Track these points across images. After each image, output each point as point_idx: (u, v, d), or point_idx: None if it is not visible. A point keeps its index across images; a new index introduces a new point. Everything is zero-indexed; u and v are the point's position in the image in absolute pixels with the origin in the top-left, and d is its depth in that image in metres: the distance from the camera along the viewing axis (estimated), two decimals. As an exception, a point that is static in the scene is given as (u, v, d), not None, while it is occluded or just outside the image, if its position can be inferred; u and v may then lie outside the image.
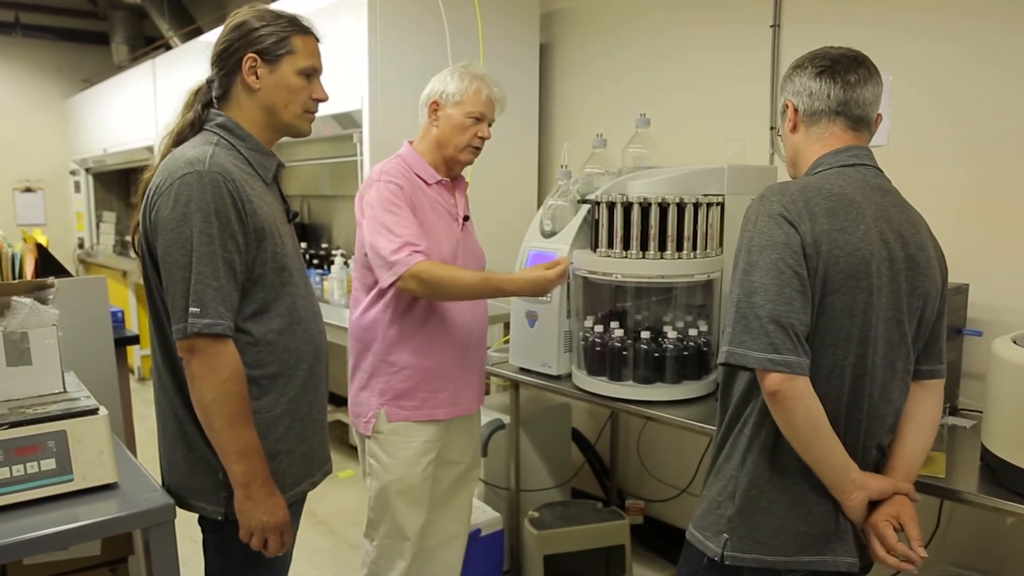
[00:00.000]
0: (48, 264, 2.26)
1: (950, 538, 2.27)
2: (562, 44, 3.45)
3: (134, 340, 2.69)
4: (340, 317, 2.98)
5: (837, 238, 1.28)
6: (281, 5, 1.73)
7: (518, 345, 2.49)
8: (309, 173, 4.33)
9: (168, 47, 5.26)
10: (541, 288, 1.90)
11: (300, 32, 1.53)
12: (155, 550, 1.41)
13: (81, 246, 6.35)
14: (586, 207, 2.30)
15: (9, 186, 6.43)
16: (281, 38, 1.49)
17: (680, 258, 2.09)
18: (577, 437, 3.22)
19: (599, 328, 2.23)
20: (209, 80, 1.55)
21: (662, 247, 2.09)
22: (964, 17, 2.23)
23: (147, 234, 1.45)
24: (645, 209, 2.08)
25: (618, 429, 3.20)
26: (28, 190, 6.51)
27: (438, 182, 2.03)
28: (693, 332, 2.16)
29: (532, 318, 2.40)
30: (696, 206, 2.09)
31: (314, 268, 3.79)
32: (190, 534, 1.59)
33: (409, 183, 1.95)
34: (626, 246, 2.11)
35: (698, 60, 2.91)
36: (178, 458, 1.52)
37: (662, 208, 2.08)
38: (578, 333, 2.32)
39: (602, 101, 3.29)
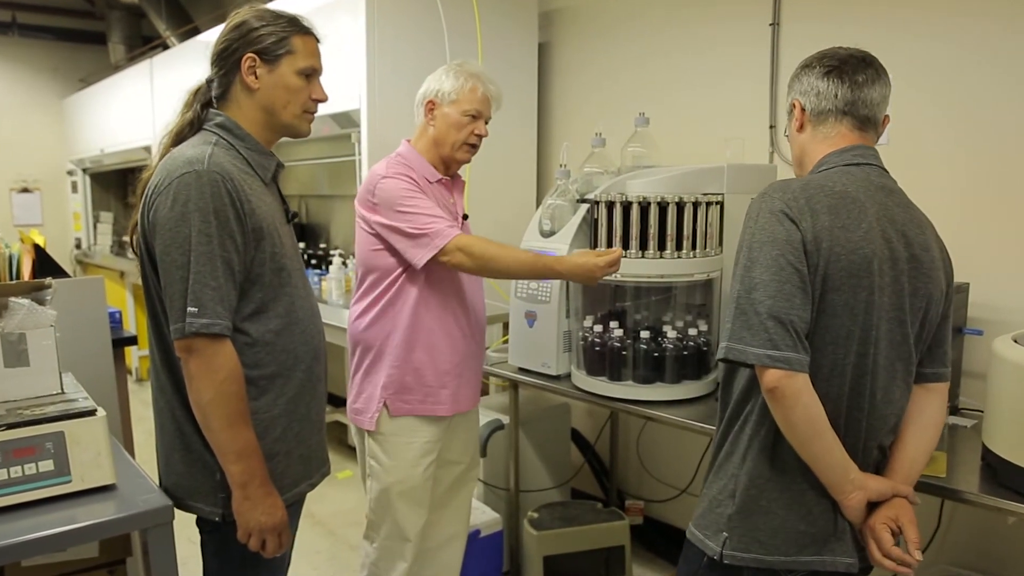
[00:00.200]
0: (45, 265, 2.26)
1: (951, 538, 2.27)
2: (561, 43, 3.45)
3: (132, 341, 2.69)
4: (338, 317, 2.98)
5: (838, 235, 1.27)
6: (279, 5, 1.73)
7: (517, 345, 2.49)
8: (307, 173, 4.33)
9: (165, 47, 5.26)
10: (590, 274, 1.85)
11: (300, 32, 1.52)
12: (153, 552, 1.40)
13: (78, 246, 6.34)
14: (585, 206, 2.29)
15: (6, 186, 6.42)
16: (281, 38, 1.49)
17: (679, 257, 2.09)
18: (576, 437, 3.21)
19: (598, 328, 2.23)
20: (208, 80, 1.54)
21: (661, 246, 2.09)
22: (964, 17, 2.23)
23: (146, 234, 1.45)
24: (644, 208, 2.08)
25: (618, 429, 3.20)
26: (25, 190, 6.50)
27: (438, 180, 2.02)
28: (693, 332, 2.16)
29: (531, 318, 2.39)
30: (695, 205, 2.09)
31: (312, 268, 3.78)
32: (188, 535, 1.58)
33: (414, 180, 1.95)
34: (625, 245, 2.10)
35: (697, 59, 2.91)
36: (176, 459, 1.51)
37: (661, 207, 2.08)
38: (577, 333, 2.32)
39: (601, 100, 3.29)
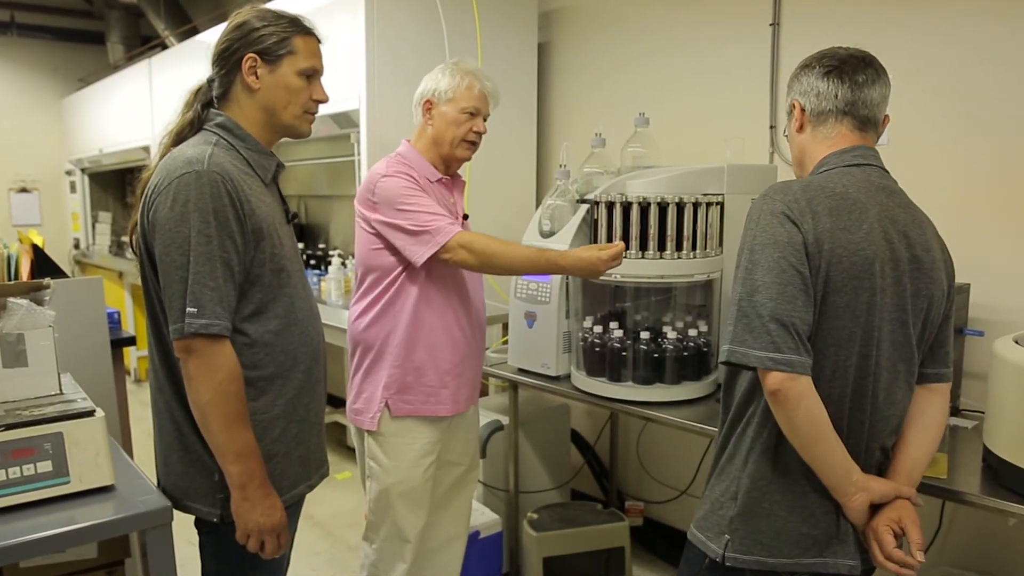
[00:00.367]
0: (44, 265, 2.25)
1: (952, 540, 2.26)
2: (560, 43, 3.45)
3: (130, 341, 2.69)
4: (338, 318, 2.97)
5: (840, 237, 1.27)
6: (279, 5, 1.72)
7: (517, 346, 2.48)
8: (306, 173, 4.32)
9: (164, 47, 5.25)
10: (593, 268, 1.85)
11: (301, 33, 1.52)
12: (152, 553, 1.40)
13: (77, 247, 6.33)
14: (585, 207, 2.29)
15: (4, 186, 6.41)
16: (282, 38, 1.49)
17: (680, 258, 2.09)
18: (576, 438, 3.21)
19: (598, 328, 2.22)
20: (209, 79, 1.54)
21: (661, 247, 2.08)
22: (964, 16, 2.22)
23: (145, 234, 1.44)
24: (644, 209, 2.08)
25: (617, 430, 3.19)
26: (23, 190, 6.49)
27: (438, 180, 2.02)
28: (693, 332, 2.16)
29: (531, 319, 2.39)
30: (696, 206, 2.09)
31: (311, 268, 3.77)
32: (187, 536, 1.57)
33: (415, 179, 1.95)
34: (625, 246, 2.10)
35: (697, 59, 2.91)
36: (174, 459, 1.51)
37: (661, 208, 2.07)
38: (577, 334, 2.31)
39: (601, 100, 3.28)
